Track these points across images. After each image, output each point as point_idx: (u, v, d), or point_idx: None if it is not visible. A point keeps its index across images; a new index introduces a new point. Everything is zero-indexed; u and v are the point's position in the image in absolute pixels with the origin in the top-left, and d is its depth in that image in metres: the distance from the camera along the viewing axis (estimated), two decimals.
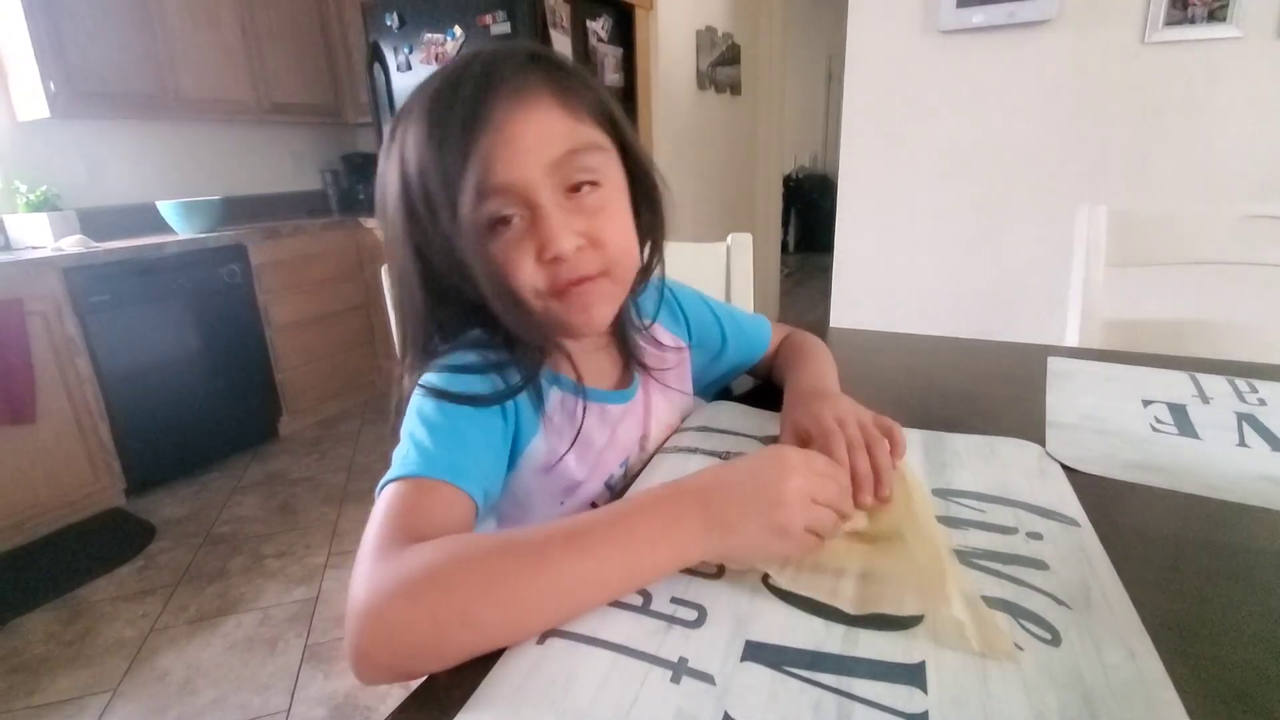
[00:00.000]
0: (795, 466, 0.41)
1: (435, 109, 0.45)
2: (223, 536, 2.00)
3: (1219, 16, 1.49)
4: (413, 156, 0.46)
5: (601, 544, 0.37)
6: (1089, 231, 1.08)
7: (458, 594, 0.34)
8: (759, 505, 0.39)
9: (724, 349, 0.72)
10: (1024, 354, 0.87)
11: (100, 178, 2.55)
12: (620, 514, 0.39)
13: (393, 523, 0.39)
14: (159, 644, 1.55)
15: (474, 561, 0.36)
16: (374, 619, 0.34)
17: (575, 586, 0.37)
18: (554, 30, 2.38)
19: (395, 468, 0.43)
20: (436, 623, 0.34)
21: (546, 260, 0.47)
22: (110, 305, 2.09)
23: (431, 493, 0.42)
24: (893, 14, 1.82)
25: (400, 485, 0.42)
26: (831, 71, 6.28)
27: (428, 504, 0.41)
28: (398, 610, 0.34)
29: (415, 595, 0.34)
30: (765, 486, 0.40)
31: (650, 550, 0.38)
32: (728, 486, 0.41)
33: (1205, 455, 0.57)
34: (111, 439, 2.13)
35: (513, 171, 0.45)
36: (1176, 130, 1.60)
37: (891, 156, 1.92)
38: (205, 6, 2.55)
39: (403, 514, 0.40)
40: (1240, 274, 1.43)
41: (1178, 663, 0.33)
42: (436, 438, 0.45)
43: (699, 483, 0.41)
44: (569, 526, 0.38)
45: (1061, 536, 0.44)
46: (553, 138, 0.46)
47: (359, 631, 0.34)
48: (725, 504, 0.39)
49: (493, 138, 0.44)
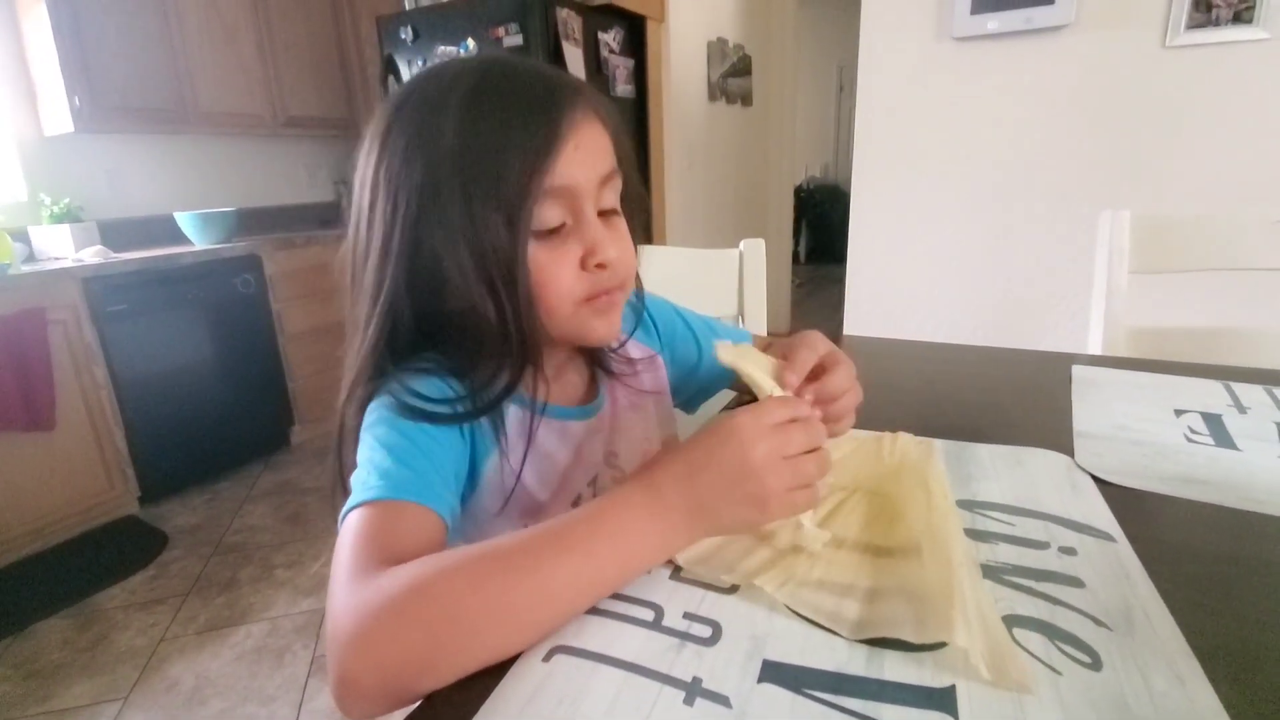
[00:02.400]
0: (752, 433, 0.39)
1: (493, 106, 0.44)
2: (233, 546, 2.00)
3: (1245, 18, 1.46)
4: (453, 150, 0.43)
5: (588, 541, 0.36)
6: (1112, 237, 1.06)
7: (448, 601, 0.33)
8: (729, 481, 0.39)
9: (700, 360, 0.70)
10: (1047, 362, 0.84)
11: (121, 190, 2.60)
12: (601, 510, 0.38)
13: (364, 549, 0.37)
14: (169, 653, 1.55)
15: (461, 569, 0.34)
16: (360, 641, 0.32)
17: (568, 586, 0.35)
18: (566, 42, 2.39)
19: (356, 493, 0.41)
20: (429, 633, 0.32)
21: (592, 266, 0.47)
22: (127, 314, 2.11)
23: (399, 514, 0.40)
24: (906, 22, 1.81)
25: (365, 510, 0.40)
26: (843, 82, 6.27)
27: (397, 526, 0.39)
28: (385, 628, 0.32)
29: (402, 610, 0.32)
30: (730, 462, 0.39)
31: (639, 543, 0.38)
32: (695, 466, 0.39)
33: (1246, 467, 0.54)
34: (127, 447, 2.14)
35: (578, 175, 0.45)
36: (1200, 135, 1.57)
37: (905, 165, 1.90)
38: (224, 24, 2.60)
39: (373, 539, 0.38)
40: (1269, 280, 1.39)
41: (1230, 691, 0.30)
42: (396, 457, 0.42)
43: (670, 470, 0.40)
44: (552, 526, 0.37)
45: (1097, 552, 0.42)
46: (604, 154, 0.48)
47: (343, 659, 0.32)
48: (697, 485, 0.39)
49: (566, 141, 0.44)
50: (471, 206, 0.43)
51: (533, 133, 0.43)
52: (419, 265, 0.46)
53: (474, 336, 0.47)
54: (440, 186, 0.44)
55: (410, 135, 0.45)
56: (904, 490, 0.48)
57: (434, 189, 0.44)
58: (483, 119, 0.43)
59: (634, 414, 0.61)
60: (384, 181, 0.46)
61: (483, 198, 0.43)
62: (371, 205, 0.47)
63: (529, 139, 0.43)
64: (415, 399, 0.46)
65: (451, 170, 0.43)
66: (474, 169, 0.43)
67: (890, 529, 0.44)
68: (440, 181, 0.44)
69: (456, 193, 0.43)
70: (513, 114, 0.44)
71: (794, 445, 0.40)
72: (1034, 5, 1.62)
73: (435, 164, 0.44)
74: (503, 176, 0.43)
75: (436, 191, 0.44)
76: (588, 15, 2.50)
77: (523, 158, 0.43)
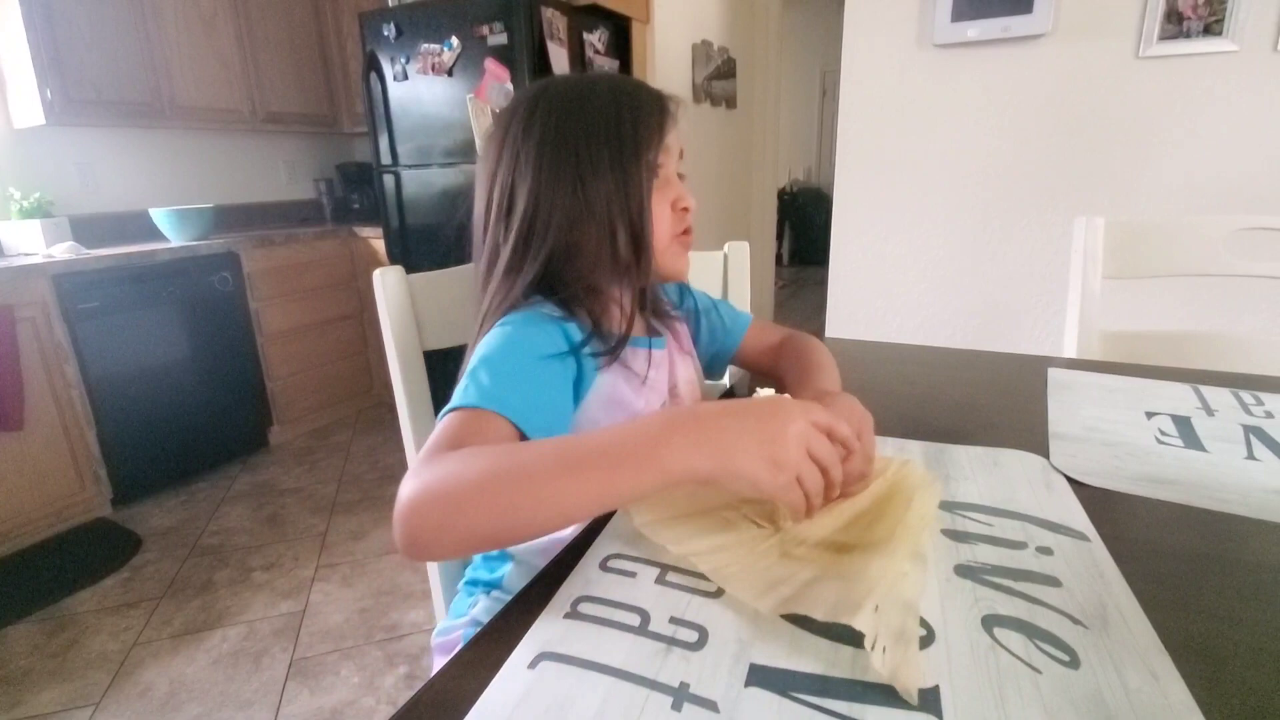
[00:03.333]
0: (799, 412, 0.43)
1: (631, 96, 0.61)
2: (209, 548, 1.97)
3: (1215, 30, 1.49)
4: (606, 122, 0.59)
5: (595, 464, 0.40)
6: (1086, 243, 1.08)
7: (478, 489, 0.40)
8: (759, 436, 0.41)
9: (698, 334, 0.79)
10: (1023, 365, 0.86)
11: (93, 185, 2.54)
12: (633, 427, 0.42)
13: (442, 442, 0.44)
14: (142, 657, 1.52)
15: (490, 464, 0.40)
16: (414, 505, 0.40)
17: (572, 498, 0.39)
18: (551, 42, 2.38)
19: (455, 399, 0.49)
20: (474, 509, 0.39)
21: (679, 209, 0.63)
22: (100, 312, 2.06)
23: (485, 421, 0.47)
24: (888, 28, 1.83)
25: (457, 414, 0.47)
26: (825, 87, 6.33)
27: (479, 430, 0.46)
28: (432, 498, 0.40)
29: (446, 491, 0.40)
30: (768, 421, 0.42)
31: (656, 447, 0.40)
32: (732, 413, 0.42)
33: (1213, 468, 0.56)
34: (99, 447, 2.09)
35: (673, 146, 0.63)
36: (1172, 144, 1.61)
37: (887, 169, 1.92)
38: (201, 16, 2.55)
39: (452, 436, 0.45)
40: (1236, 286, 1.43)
41: (1201, 687, 0.31)
42: (493, 376, 0.50)
43: (713, 406, 0.43)
44: (571, 445, 0.42)
45: (1072, 551, 0.43)
46: (682, 137, 0.65)
47: (402, 517, 0.40)
48: (724, 428, 0.41)
49: (670, 122, 0.62)
50: (622, 160, 0.58)
51: (658, 114, 0.61)
52: (571, 209, 0.58)
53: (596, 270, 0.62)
54: (593, 147, 0.58)
55: (560, 114, 0.59)
56: (890, 504, 0.48)
57: (588, 149, 0.58)
58: (626, 104, 0.60)
59: (683, 359, 0.72)
60: (535, 146, 0.59)
61: (628, 157, 0.59)
62: (524, 165, 0.59)
63: (656, 118, 0.60)
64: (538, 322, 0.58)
65: (605, 137, 0.58)
66: (621, 136, 0.59)
67: (859, 530, 0.44)
68: (594, 144, 0.58)
69: (605, 152, 0.58)
70: (643, 100, 0.61)
71: (820, 449, 0.43)
72: (1012, 14, 1.65)
73: (590, 133, 0.58)
74: (640, 142, 0.59)
75: (589, 151, 0.58)
76: (573, 15, 2.49)
77: (652, 131, 0.60)
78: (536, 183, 0.58)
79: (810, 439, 0.42)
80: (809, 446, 0.42)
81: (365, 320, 2.96)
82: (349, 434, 2.78)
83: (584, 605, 0.38)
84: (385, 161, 2.65)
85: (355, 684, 1.42)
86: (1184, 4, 1.51)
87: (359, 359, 2.99)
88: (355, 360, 2.97)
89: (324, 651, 1.52)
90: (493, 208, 0.61)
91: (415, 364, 0.81)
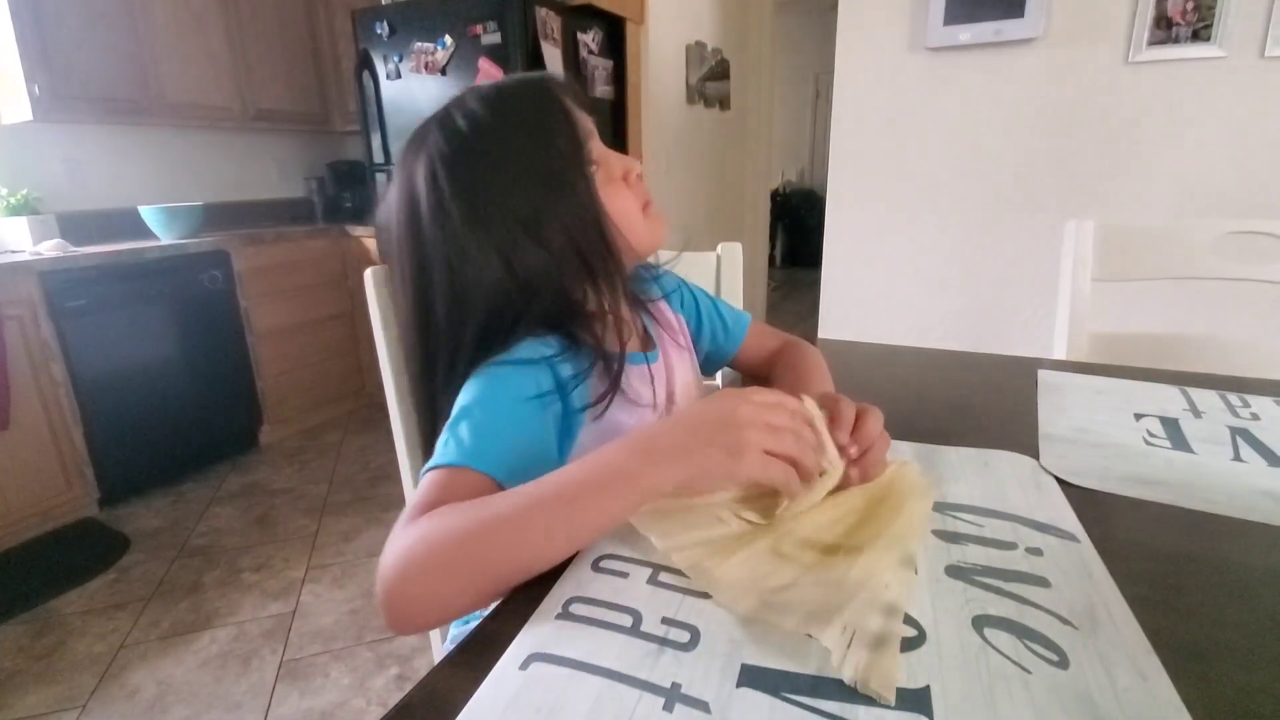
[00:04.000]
0: (743, 396, 0.44)
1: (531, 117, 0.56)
2: (198, 549, 1.95)
3: (1203, 36, 1.51)
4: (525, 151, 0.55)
5: (570, 499, 0.41)
6: (1076, 246, 1.09)
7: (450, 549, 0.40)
8: (710, 429, 0.42)
9: (699, 334, 0.78)
10: (1014, 367, 0.86)
11: (81, 182, 2.51)
12: (594, 456, 0.43)
13: (422, 500, 0.44)
14: (129, 659, 1.50)
15: (467, 509, 0.41)
16: (390, 578, 0.39)
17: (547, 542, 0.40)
18: (545, 42, 2.38)
19: (435, 458, 0.48)
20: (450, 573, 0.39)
21: (633, 179, 0.61)
22: (87, 310, 2.04)
23: (461, 478, 0.46)
24: (881, 31, 1.84)
25: (436, 473, 0.46)
26: (819, 89, 6.35)
27: (456, 487, 0.45)
28: (404, 568, 0.39)
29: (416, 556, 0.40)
30: (714, 413, 0.43)
31: (621, 479, 0.41)
32: (679, 419, 0.45)
33: (1201, 469, 0.56)
34: (85, 447, 2.07)
35: (587, 122, 0.59)
36: (1161, 148, 1.62)
37: (879, 171, 1.93)
38: (192, 13, 2.53)
39: (432, 496, 0.44)
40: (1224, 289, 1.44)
41: (1189, 687, 0.31)
42: (474, 430, 0.49)
43: (662, 421, 0.45)
44: (538, 488, 0.42)
45: (1062, 552, 0.43)
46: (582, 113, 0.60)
47: (381, 590, 0.39)
48: (676, 431, 0.43)
49: (577, 113, 0.57)
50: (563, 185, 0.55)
51: (560, 110, 0.56)
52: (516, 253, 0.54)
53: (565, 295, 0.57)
54: (514, 185, 0.54)
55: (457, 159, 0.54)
56: (882, 506, 0.48)
57: (510, 188, 0.54)
58: (520, 126, 0.55)
59: (679, 362, 0.70)
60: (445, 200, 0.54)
61: (570, 176, 0.55)
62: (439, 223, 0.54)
63: (562, 116, 0.56)
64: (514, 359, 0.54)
65: (525, 166, 0.55)
66: (545, 159, 0.55)
67: (847, 531, 0.44)
68: (513, 181, 0.54)
69: (535, 182, 0.54)
70: (538, 104, 0.56)
71: (776, 418, 0.44)
72: (1004, 18, 1.66)
73: (517, 178, 0.54)
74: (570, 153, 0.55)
75: (512, 188, 0.54)
76: (567, 15, 2.49)
77: (572, 131, 0.56)
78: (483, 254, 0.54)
79: (762, 414, 0.43)
80: (766, 420, 0.43)
81: (357, 319, 2.95)
82: (340, 434, 2.77)
83: (576, 606, 0.38)
84: (378, 160, 2.65)
85: (346, 685, 1.41)
86: (1173, 10, 1.52)
87: (350, 358, 2.97)
88: (346, 360, 2.96)
89: (314, 653, 1.51)
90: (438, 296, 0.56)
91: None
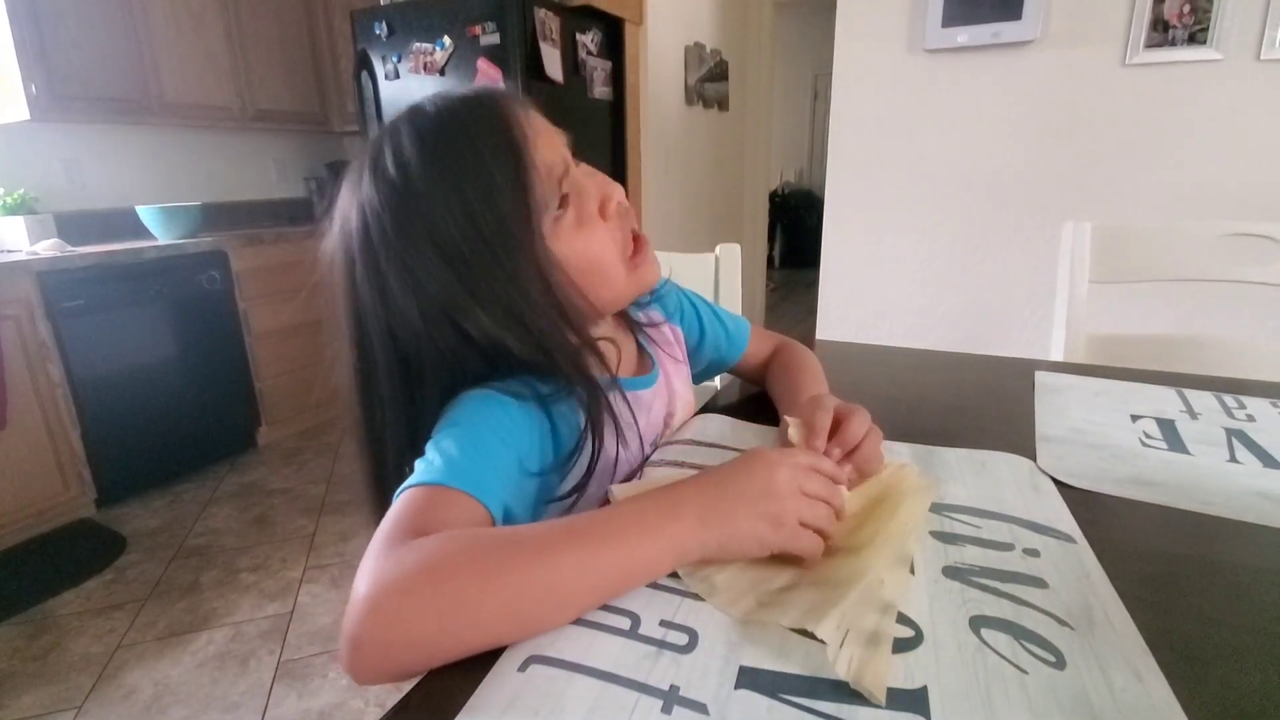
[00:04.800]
0: (779, 460, 0.43)
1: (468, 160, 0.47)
2: (195, 549, 1.95)
3: (1199, 39, 1.52)
4: (458, 207, 0.46)
5: (600, 539, 0.37)
6: (1074, 247, 1.09)
7: (458, 585, 0.34)
8: (751, 496, 0.40)
9: (701, 344, 0.74)
10: (1011, 368, 0.87)
11: (79, 181, 2.51)
12: (620, 510, 0.40)
13: (403, 523, 0.38)
14: (126, 660, 1.50)
15: (475, 553, 0.35)
16: (372, 612, 0.33)
17: (575, 583, 0.36)
18: (544, 43, 2.38)
19: (416, 475, 0.42)
20: (436, 614, 0.33)
21: (612, 209, 0.52)
22: (85, 310, 2.04)
23: (448, 500, 0.41)
24: (879, 33, 1.84)
25: (417, 490, 0.41)
26: (817, 89, 6.35)
27: (442, 509, 0.40)
28: (394, 605, 0.33)
29: (415, 587, 0.34)
30: (755, 477, 0.41)
31: (650, 543, 0.38)
32: (719, 482, 0.41)
33: (1197, 471, 0.57)
34: (83, 447, 2.07)
35: (552, 152, 0.50)
36: (1157, 150, 1.63)
37: (878, 172, 1.93)
38: (190, 12, 2.53)
39: (415, 516, 0.39)
40: (1221, 291, 1.45)
41: (1184, 687, 0.32)
42: (462, 448, 0.44)
43: (692, 481, 0.42)
44: (568, 523, 0.38)
45: (1059, 553, 0.43)
46: (559, 134, 0.53)
47: (356, 625, 0.33)
48: (719, 498, 0.40)
49: (529, 138, 0.48)
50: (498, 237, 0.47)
51: (502, 155, 0.47)
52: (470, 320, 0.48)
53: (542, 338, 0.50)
54: (449, 248, 0.46)
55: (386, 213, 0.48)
56: (880, 507, 0.48)
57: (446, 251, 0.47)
58: (454, 173, 0.47)
59: (678, 378, 0.67)
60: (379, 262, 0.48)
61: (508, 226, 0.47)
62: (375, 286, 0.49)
63: (502, 162, 0.47)
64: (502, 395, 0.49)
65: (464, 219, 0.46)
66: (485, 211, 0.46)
67: (844, 533, 0.44)
68: (448, 244, 0.46)
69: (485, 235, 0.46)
70: (479, 146, 0.47)
71: (812, 486, 0.42)
72: (1002, 20, 1.67)
73: (445, 224, 0.46)
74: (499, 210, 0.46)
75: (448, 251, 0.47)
76: (566, 16, 2.49)
77: (515, 173, 0.47)
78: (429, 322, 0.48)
79: (800, 481, 0.42)
80: (802, 487, 0.42)
81: None
82: (338, 434, 2.76)
83: None
84: None
85: (343, 686, 1.41)
86: (1170, 12, 1.53)
87: None
88: None
89: (312, 653, 1.51)
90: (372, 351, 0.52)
91: None
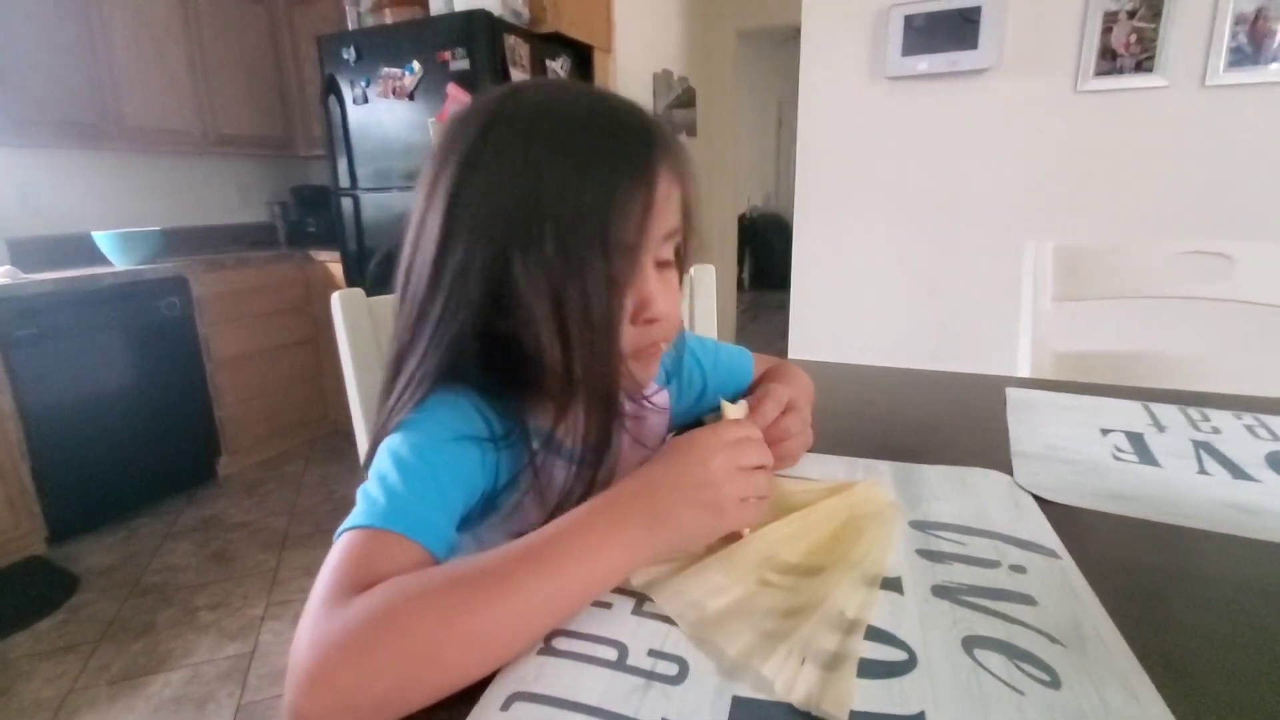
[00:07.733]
0: (709, 444, 0.44)
1: (599, 144, 0.42)
2: (152, 587, 1.86)
3: (1146, 67, 1.59)
4: (558, 183, 0.41)
5: (555, 560, 0.37)
6: (1036, 266, 1.12)
7: (416, 634, 0.32)
8: (687, 488, 0.42)
9: (705, 389, 0.70)
10: (982, 385, 0.88)
11: (34, 206, 2.43)
12: (566, 528, 0.38)
13: (343, 574, 0.36)
14: (79, 706, 1.42)
15: (432, 596, 0.33)
16: (319, 675, 0.30)
17: (537, 606, 0.35)
18: (513, 69, 2.39)
19: (355, 514, 0.40)
20: (395, 668, 0.31)
21: (642, 321, 0.46)
22: (38, 339, 1.96)
23: (388, 545, 0.38)
24: (842, 61, 1.89)
25: (357, 534, 0.38)
26: (781, 117, 6.50)
27: (382, 558, 0.37)
28: (347, 663, 0.31)
29: (368, 647, 0.31)
30: (689, 470, 0.42)
31: (604, 556, 0.38)
32: (655, 481, 0.42)
33: (1169, 483, 0.58)
34: (33, 481, 1.97)
35: (652, 230, 0.44)
36: (1108, 172, 1.69)
37: (844, 196, 1.98)
38: (153, 37, 2.49)
39: (355, 566, 0.36)
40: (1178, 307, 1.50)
41: (1179, 703, 0.31)
42: (407, 482, 0.41)
43: (629, 486, 0.42)
44: (517, 549, 0.37)
45: (1045, 569, 0.43)
46: (676, 208, 0.46)
47: (300, 692, 0.30)
48: (656, 497, 0.41)
49: (655, 191, 0.43)
50: (568, 250, 0.41)
51: (632, 190, 0.42)
52: (497, 297, 0.44)
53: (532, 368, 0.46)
54: (539, 213, 0.42)
55: (503, 160, 0.43)
56: (846, 529, 0.48)
57: (528, 213, 0.42)
58: (587, 163, 0.42)
59: (633, 452, 0.60)
60: (464, 204, 0.44)
61: (582, 245, 0.41)
62: (448, 229, 0.44)
63: (630, 196, 0.42)
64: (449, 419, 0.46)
65: (551, 200, 0.41)
66: (575, 213, 0.41)
67: (807, 550, 0.45)
68: (539, 207, 0.42)
69: (553, 224, 0.41)
70: (619, 162, 0.42)
71: (747, 459, 0.45)
72: (959, 49, 1.73)
73: (528, 192, 0.42)
74: (609, 226, 0.42)
75: (535, 216, 0.42)
76: (535, 43, 2.51)
77: (628, 214, 0.42)
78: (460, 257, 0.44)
79: (733, 458, 0.43)
80: (736, 462, 0.43)
81: (321, 345, 2.88)
82: (302, 464, 2.69)
83: (559, 640, 0.37)
84: (344, 185, 2.61)
85: None
86: (1117, 42, 1.60)
87: (313, 385, 2.90)
88: (309, 387, 2.88)
89: (274, 695, 1.44)
90: (418, 255, 0.47)
91: (374, 390, 0.79)
